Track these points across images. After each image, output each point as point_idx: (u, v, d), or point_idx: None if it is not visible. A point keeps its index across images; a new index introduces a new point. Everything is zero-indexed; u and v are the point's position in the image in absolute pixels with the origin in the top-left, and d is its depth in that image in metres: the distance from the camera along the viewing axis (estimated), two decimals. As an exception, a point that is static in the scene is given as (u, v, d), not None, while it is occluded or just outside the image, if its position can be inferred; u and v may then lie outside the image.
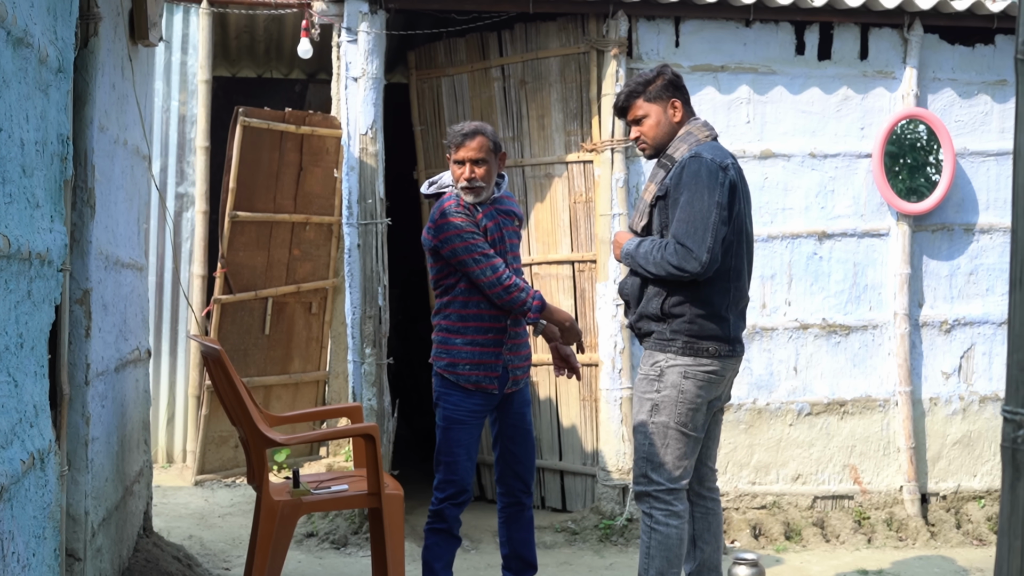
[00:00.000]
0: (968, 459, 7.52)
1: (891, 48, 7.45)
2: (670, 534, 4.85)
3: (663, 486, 4.86)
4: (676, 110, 4.96)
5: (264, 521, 5.06)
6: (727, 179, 4.75)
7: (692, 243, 4.67)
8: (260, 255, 7.95)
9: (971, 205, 7.53)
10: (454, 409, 5.33)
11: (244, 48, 9.68)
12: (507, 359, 5.36)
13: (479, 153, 5.22)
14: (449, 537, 5.37)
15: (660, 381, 4.85)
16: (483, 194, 5.28)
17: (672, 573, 4.86)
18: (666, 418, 4.84)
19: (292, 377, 8.29)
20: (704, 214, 4.68)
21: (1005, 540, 2.13)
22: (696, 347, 4.81)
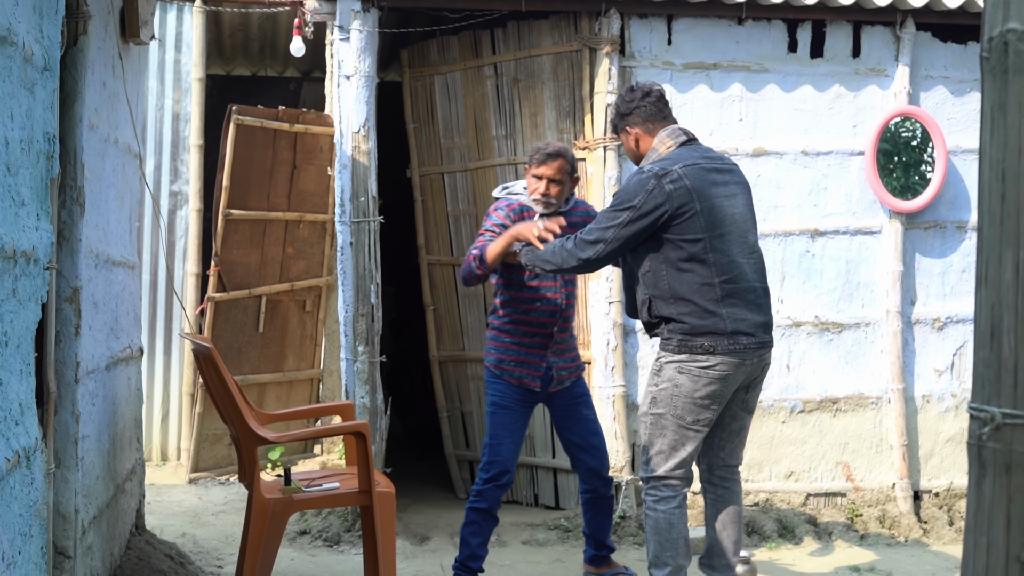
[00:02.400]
0: (961, 456, 7.52)
1: (883, 46, 7.46)
2: (659, 519, 5.06)
3: (655, 473, 5.08)
4: (630, 135, 5.29)
5: (255, 519, 5.06)
6: (659, 186, 4.95)
7: (587, 236, 5.10)
8: (254, 253, 7.95)
9: (963, 203, 7.54)
10: (500, 396, 5.77)
11: (238, 46, 9.70)
12: (551, 361, 5.77)
13: (557, 174, 5.66)
14: (488, 516, 5.72)
15: (659, 375, 5.07)
16: (552, 208, 5.71)
17: (667, 556, 5.05)
18: (662, 410, 5.04)
19: (286, 375, 8.30)
20: (610, 218, 5.03)
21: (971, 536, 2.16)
22: (689, 344, 4.96)
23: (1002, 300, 2.06)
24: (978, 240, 2.14)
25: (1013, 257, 2.03)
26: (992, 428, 2.10)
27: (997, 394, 2.12)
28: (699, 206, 4.96)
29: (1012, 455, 2.08)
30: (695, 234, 4.95)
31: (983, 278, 2.09)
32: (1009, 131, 2.03)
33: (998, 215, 2.06)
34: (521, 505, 7.76)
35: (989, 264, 2.07)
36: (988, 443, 2.10)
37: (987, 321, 2.09)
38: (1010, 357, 2.07)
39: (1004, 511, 2.08)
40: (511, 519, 7.33)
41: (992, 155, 2.07)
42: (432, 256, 8.10)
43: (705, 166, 5.08)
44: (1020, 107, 2.02)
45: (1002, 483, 2.10)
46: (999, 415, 2.09)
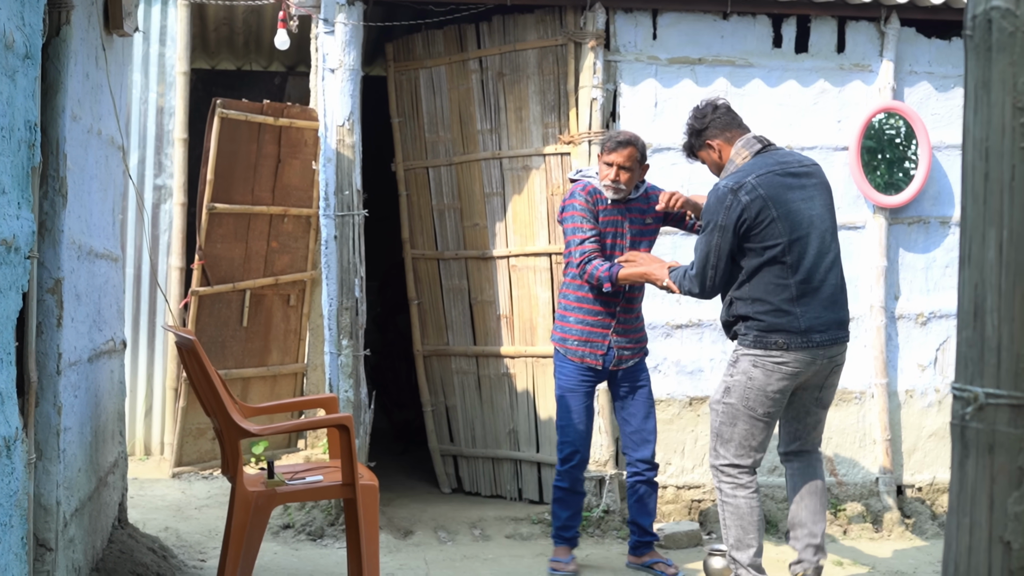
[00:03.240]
0: (944, 451, 7.54)
1: (868, 41, 7.47)
2: (739, 504, 5.44)
3: (728, 460, 5.46)
4: (714, 149, 5.59)
5: (238, 512, 5.05)
6: (736, 201, 5.28)
7: (693, 271, 5.46)
8: (238, 247, 7.94)
9: (947, 198, 7.56)
10: (566, 379, 6.22)
11: (223, 40, 9.67)
12: (613, 340, 6.17)
13: (627, 161, 6.07)
14: (571, 493, 6.27)
15: (734, 367, 5.43)
16: (622, 194, 6.11)
17: (749, 539, 5.44)
18: (735, 400, 5.41)
19: (270, 369, 8.29)
20: (703, 244, 5.37)
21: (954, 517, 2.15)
22: (764, 340, 5.34)
23: (985, 280, 2.05)
24: (961, 219, 2.13)
25: (996, 236, 2.02)
26: (975, 408, 2.09)
27: (980, 374, 2.11)
28: (775, 212, 5.29)
29: (995, 435, 2.07)
30: (775, 239, 5.29)
31: (966, 258, 2.08)
32: (992, 109, 2.03)
33: (981, 194, 2.05)
34: (505, 499, 7.76)
35: (972, 244, 2.07)
36: (971, 423, 2.09)
37: (970, 301, 2.08)
38: (993, 337, 2.06)
39: (987, 492, 2.08)
40: (495, 513, 7.34)
41: (975, 134, 2.07)
42: (417, 250, 8.10)
43: (779, 172, 5.39)
44: (1003, 85, 2.01)
45: (985, 463, 2.10)
46: (982, 395, 2.08)
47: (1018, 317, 1.98)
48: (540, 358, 7.54)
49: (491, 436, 7.85)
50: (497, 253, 7.68)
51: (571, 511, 6.30)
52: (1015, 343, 1.99)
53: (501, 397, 7.77)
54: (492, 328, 7.78)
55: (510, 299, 7.66)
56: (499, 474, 7.85)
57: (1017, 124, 2.02)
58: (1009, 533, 2.01)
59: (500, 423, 7.79)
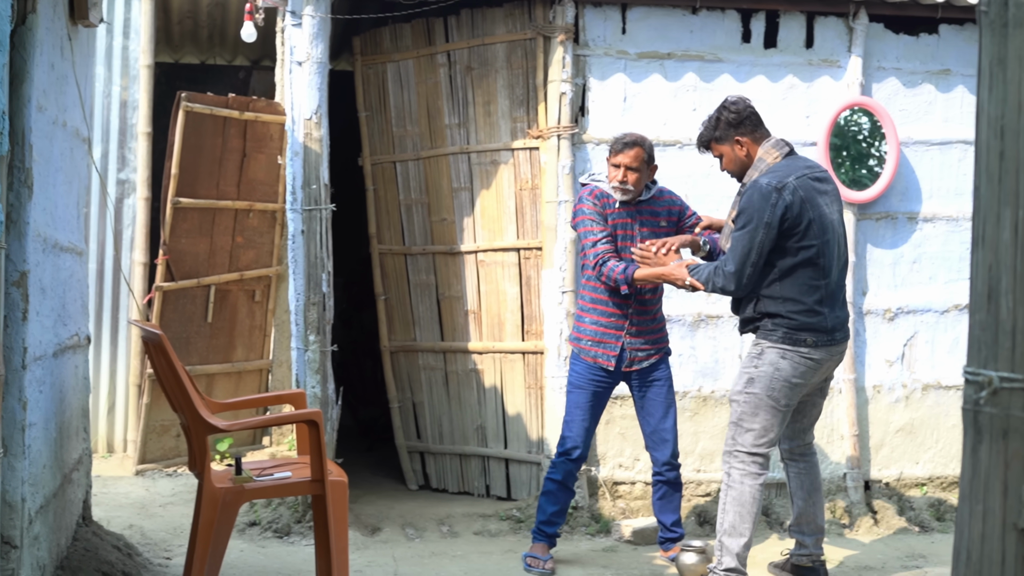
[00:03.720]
0: (911, 446, 7.56)
1: (836, 37, 7.47)
2: (744, 491, 5.56)
3: (746, 448, 5.58)
4: (742, 146, 5.68)
5: (205, 509, 4.98)
6: (781, 199, 5.43)
7: (731, 268, 5.48)
8: (203, 242, 7.86)
9: (915, 194, 7.57)
10: (576, 376, 6.30)
11: (187, 33, 9.58)
12: (627, 342, 6.21)
13: (634, 162, 6.09)
14: (563, 487, 6.29)
15: (759, 359, 5.56)
16: (630, 195, 6.14)
17: (743, 528, 5.56)
18: (759, 390, 5.54)
19: (235, 366, 8.21)
20: (746, 241, 5.44)
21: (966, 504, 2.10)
22: (795, 338, 5.52)
23: (1000, 261, 2.01)
24: (974, 200, 2.09)
25: (1012, 216, 1.98)
26: (989, 392, 2.05)
27: (994, 357, 2.08)
28: (812, 215, 5.49)
29: (1009, 420, 2.04)
30: (810, 240, 5.49)
31: (980, 238, 2.05)
32: (1009, 86, 1.99)
33: (996, 173, 2.01)
34: (472, 496, 7.73)
35: (987, 224, 2.03)
36: (985, 408, 2.05)
37: (984, 283, 2.04)
38: (1008, 319, 2.03)
39: (1001, 478, 2.04)
40: (463, 510, 7.30)
41: (990, 111, 2.03)
42: (384, 245, 8.05)
43: (810, 176, 5.60)
44: (1020, 62, 1.97)
45: (999, 449, 2.06)
46: (996, 379, 2.04)
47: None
48: (508, 354, 7.51)
49: (458, 432, 7.81)
50: (465, 248, 7.64)
51: (558, 507, 6.30)
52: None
53: (469, 393, 7.73)
54: (460, 324, 7.74)
55: (478, 295, 7.63)
56: (467, 470, 7.81)
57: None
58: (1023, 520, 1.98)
59: (468, 419, 7.75)
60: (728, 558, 5.56)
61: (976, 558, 2.03)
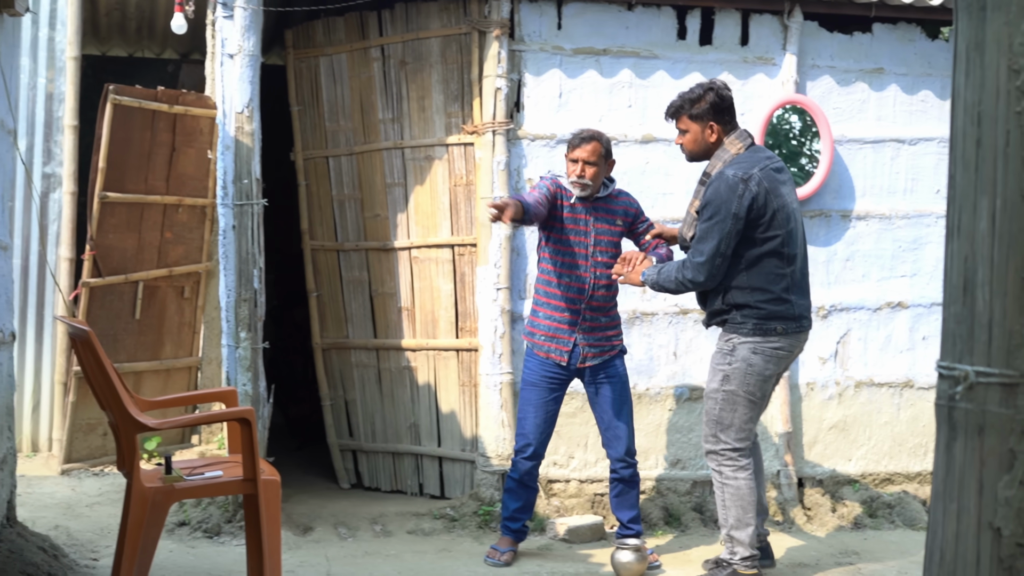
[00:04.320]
0: (843, 444, 7.59)
1: (771, 35, 7.48)
2: (740, 485, 5.71)
3: (731, 445, 5.73)
4: (712, 132, 5.78)
5: (134, 509, 4.88)
6: (747, 190, 5.53)
7: (701, 259, 5.59)
8: (131, 237, 7.72)
9: (848, 192, 7.60)
10: (529, 373, 6.37)
11: (115, 25, 9.41)
12: (579, 338, 6.25)
13: (592, 156, 6.13)
14: (521, 485, 6.39)
15: (732, 355, 5.68)
16: (588, 190, 6.18)
17: (748, 518, 5.72)
18: (735, 387, 5.68)
19: (163, 363, 8.07)
20: (715, 232, 5.54)
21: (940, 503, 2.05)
22: (764, 328, 5.64)
23: (976, 252, 1.97)
24: (949, 189, 2.04)
25: (989, 206, 1.94)
26: (965, 388, 2.01)
27: (970, 351, 2.04)
28: (776, 204, 5.61)
29: (985, 416, 2.00)
30: (775, 230, 5.61)
31: (955, 228, 2.00)
32: (987, 71, 1.95)
33: (973, 161, 1.97)
34: (406, 495, 7.66)
35: (962, 214, 1.98)
36: (960, 403, 2.00)
37: (959, 274, 1.99)
38: (985, 312, 1.98)
39: (976, 476, 2.00)
40: (396, 508, 7.23)
41: (967, 97, 1.98)
42: (316, 241, 7.95)
43: (771, 167, 5.71)
44: (998, 46, 1.93)
45: (974, 446, 2.02)
46: (972, 373, 2.00)
47: (1011, 291, 1.90)
48: (442, 351, 7.44)
49: (392, 430, 7.73)
50: (398, 244, 7.57)
51: (519, 503, 6.40)
52: (1008, 318, 1.91)
53: (402, 391, 7.66)
54: (393, 321, 7.66)
55: (411, 291, 7.56)
56: (400, 469, 7.74)
57: (1012, 87, 1.93)
58: (999, 519, 1.93)
59: (401, 417, 7.68)
60: (741, 548, 5.74)
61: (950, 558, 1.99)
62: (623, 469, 6.38)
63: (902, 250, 7.66)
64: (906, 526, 7.26)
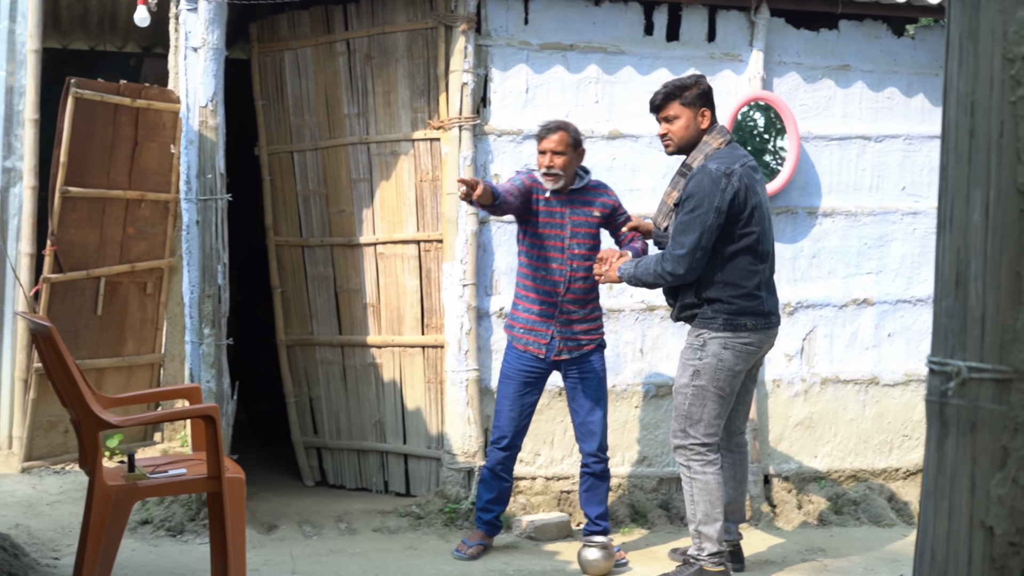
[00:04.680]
0: (809, 440, 7.59)
1: (738, 31, 7.46)
2: (708, 480, 5.74)
3: (699, 440, 5.77)
4: (704, 118, 5.83)
5: (97, 507, 4.82)
6: (730, 184, 5.58)
7: (681, 251, 5.58)
8: (92, 233, 7.63)
9: (814, 189, 7.60)
10: (507, 366, 6.39)
11: (76, 18, 9.32)
12: (557, 331, 6.26)
13: (559, 146, 6.13)
14: (495, 476, 6.41)
15: (703, 350, 5.72)
16: (561, 182, 6.17)
17: (716, 513, 5.75)
18: (705, 382, 5.72)
19: (126, 360, 7.99)
20: (696, 225, 5.55)
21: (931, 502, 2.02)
22: (735, 323, 5.70)
23: (969, 244, 1.93)
24: (941, 180, 2.02)
25: (983, 197, 1.91)
26: (958, 384, 1.98)
27: (962, 346, 2.01)
28: (754, 201, 5.67)
29: (978, 412, 1.96)
30: (752, 227, 5.67)
31: (947, 221, 1.97)
32: (980, 60, 1.92)
33: (966, 152, 1.93)
34: (371, 492, 7.61)
35: (955, 206, 1.95)
36: (952, 400, 1.96)
37: (951, 268, 1.96)
38: (977, 306, 1.95)
39: (968, 474, 1.97)
40: (361, 506, 7.19)
41: (960, 87, 1.95)
42: (280, 237, 7.89)
43: (748, 164, 5.77)
44: (992, 34, 1.90)
45: (966, 443, 2.00)
46: (965, 369, 1.97)
47: (1005, 285, 1.87)
48: (407, 348, 7.40)
49: (356, 428, 7.68)
50: (364, 240, 7.51)
51: (492, 494, 6.43)
52: (1001, 313, 1.88)
53: (367, 388, 7.61)
54: (358, 317, 7.61)
55: (377, 288, 7.51)
56: (365, 466, 7.69)
57: (1007, 76, 1.91)
58: (991, 517, 1.91)
59: (366, 414, 7.63)
60: (708, 543, 5.76)
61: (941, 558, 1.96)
62: (595, 464, 6.40)
63: (868, 247, 7.67)
64: (871, 523, 7.27)
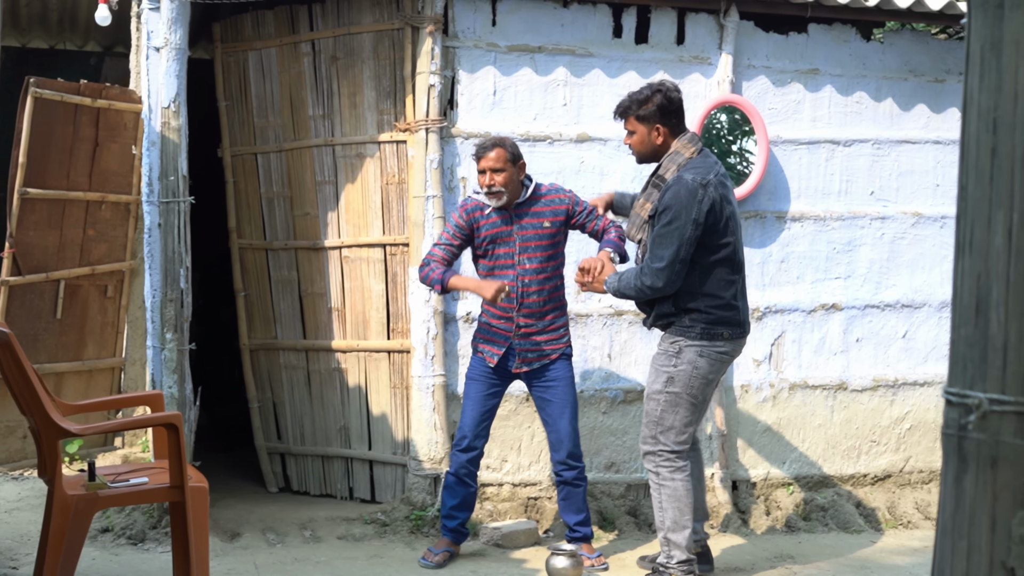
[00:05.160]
0: (777, 446, 7.55)
1: (707, 34, 7.41)
2: (677, 487, 5.74)
3: (669, 447, 5.76)
4: (659, 135, 5.75)
5: (56, 517, 4.72)
6: (707, 195, 5.55)
7: (660, 264, 5.55)
8: (52, 235, 7.50)
9: (783, 193, 7.56)
10: (471, 369, 6.42)
11: (35, 16, 9.18)
12: (515, 343, 6.26)
13: (497, 163, 6.09)
14: (459, 481, 6.34)
15: (678, 357, 5.72)
16: (504, 198, 6.15)
17: (684, 520, 5.76)
18: (679, 389, 5.71)
19: (85, 364, 7.85)
20: (675, 236, 5.52)
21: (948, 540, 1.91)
22: (712, 332, 5.70)
23: (990, 269, 1.83)
24: (959, 201, 1.92)
25: (1005, 220, 1.80)
26: (978, 417, 1.89)
27: (982, 377, 1.91)
28: (728, 212, 5.67)
29: (999, 447, 1.86)
30: (728, 237, 5.68)
31: (966, 244, 1.86)
32: (1004, 74, 1.81)
33: (987, 171, 1.83)
34: (335, 499, 7.52)
35: (975, 228, 1.85)
36: (972, 434, 1.85)
37: (971, 294, 1.85)
38: (999, 334, 1.86)
39: (988, 511, 1.87)
40: (326, 513, 7.10)
41: (981, 103, 1.85)
42: (244, 240, 7.78)
43: (721, 173, 5.75)
44: (1017, 47, 1.79)
45: (986, 479, 1.90)
46: (986, 401, 1.88)
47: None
48: (373, 352, 7.31)
49: (321, 433, 7.59)
50: (329, 244, 7.42)
51: (455, 500, 6.36)
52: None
53: (332, 393, 7.52)
54: (323, 321, 7.52)
55: (342, 291, 7.42)
56: (329, 473, 7.60)
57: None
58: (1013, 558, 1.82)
59: (331, 420, 7.54)
60: (677, 551, 5.76)
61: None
62: (565, 472, 6.37)
63: (836, 252, 7.64)
64: (840, 529, 7.24)
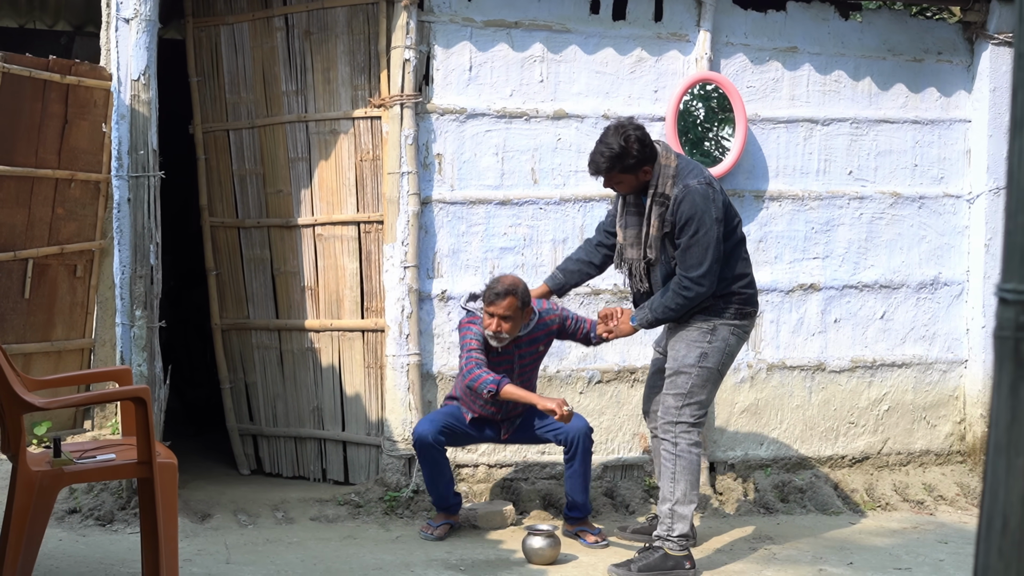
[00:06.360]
0: (755, 427, 7.49)
1: (685, 11, 7.33)
2: (692, 459, 5.83)
3: (692, 420, 5.85)
4: (647, 173, 5.77)
5: (20, 494, 4.61)
6: (715, 192, 5.71)
7: (699, 272, 5.65)
8: (20, 213, 7.37)
9: (761, 172, 7.49)
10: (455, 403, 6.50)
11: (4, -6, 9.06)
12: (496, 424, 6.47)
13: (507, 311, 6.08)
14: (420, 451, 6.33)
15: (713, 335, 5.83)
16: (507, 341, 6.19)
17: (694, 494, 5.85)
18: (712, 364, 5.83)
19: (54, 345, 7.73)
20: (706, 241, 5.62)
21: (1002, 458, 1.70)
22: (743, 311, 5.89)
23: None
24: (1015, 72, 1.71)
25: None
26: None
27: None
28: (726, 199, 5.83)
29: None
30: (735, 221, 5.88)
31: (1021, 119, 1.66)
32: None
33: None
34: (308, 480, 7.44)
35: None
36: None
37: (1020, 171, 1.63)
38: None
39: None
40: (298, 495, 7.01)
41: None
42: (215, 218, 7.66)
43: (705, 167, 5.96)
44: None
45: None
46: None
47: None
48: (346, 332, 7.22)
49: (294, 414, 7.49)
50: (302, 221, 7.32)
51: (427, 468, 6.38)
52: None
53: (305, 373, 7.42)
54: (296, 301, 7.42)
55: (315, 270, 7.32)
56: (302, 454, 7.50)
57: None
58: None
59: (303, 400, 7.44)
60: (680, 524, 5.79)
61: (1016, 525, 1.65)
62: (567, 451, 6.38)
63: (815, 232, 7.58)
64: (818, 511, 7.18)
